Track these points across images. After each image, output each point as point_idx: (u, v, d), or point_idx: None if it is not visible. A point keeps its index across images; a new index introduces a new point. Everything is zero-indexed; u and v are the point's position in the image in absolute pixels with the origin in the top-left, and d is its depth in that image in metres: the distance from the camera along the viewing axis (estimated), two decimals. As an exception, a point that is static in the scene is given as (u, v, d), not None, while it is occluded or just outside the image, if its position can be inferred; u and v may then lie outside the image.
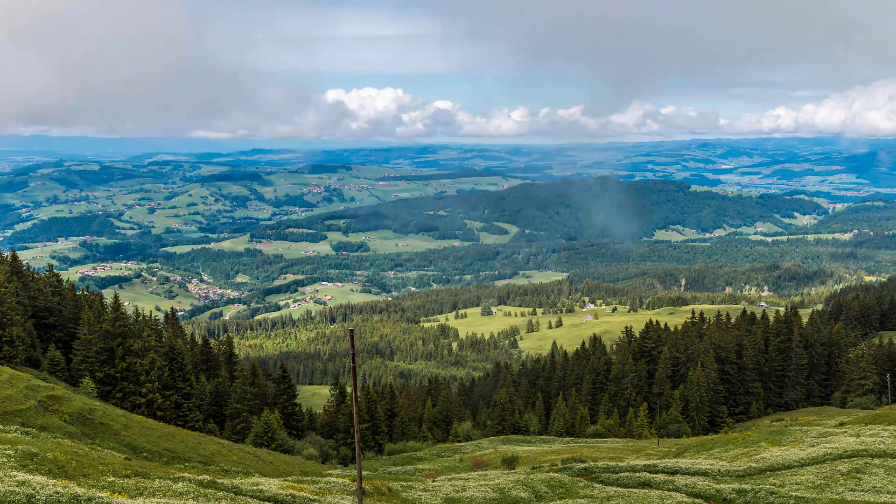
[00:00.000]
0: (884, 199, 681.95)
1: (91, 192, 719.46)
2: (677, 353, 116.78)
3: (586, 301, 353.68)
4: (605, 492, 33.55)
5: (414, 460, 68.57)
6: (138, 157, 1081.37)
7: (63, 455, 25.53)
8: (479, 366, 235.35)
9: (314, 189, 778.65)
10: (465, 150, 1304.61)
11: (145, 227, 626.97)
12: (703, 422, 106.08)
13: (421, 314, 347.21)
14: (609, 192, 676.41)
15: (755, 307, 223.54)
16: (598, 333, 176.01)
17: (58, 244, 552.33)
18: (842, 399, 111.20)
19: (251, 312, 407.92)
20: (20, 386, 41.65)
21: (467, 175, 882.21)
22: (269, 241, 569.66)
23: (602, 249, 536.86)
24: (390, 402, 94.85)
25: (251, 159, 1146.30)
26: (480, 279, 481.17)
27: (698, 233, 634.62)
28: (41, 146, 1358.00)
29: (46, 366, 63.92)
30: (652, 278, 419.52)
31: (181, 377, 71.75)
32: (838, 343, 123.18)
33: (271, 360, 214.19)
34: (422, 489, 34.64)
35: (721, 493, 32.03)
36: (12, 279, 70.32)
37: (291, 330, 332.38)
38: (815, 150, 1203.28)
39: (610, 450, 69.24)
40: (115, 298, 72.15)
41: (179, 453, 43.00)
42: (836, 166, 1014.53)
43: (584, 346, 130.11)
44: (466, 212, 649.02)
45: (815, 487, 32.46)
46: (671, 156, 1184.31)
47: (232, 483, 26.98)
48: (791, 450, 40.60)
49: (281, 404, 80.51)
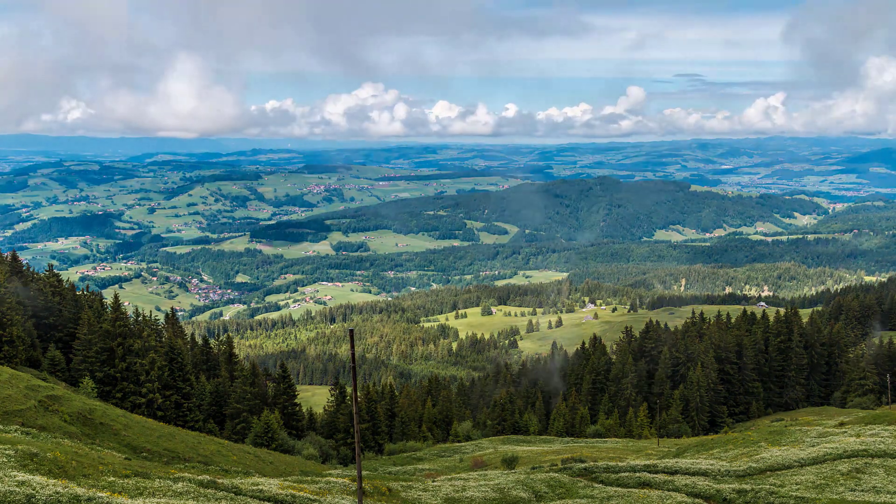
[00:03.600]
0: (884, 199, 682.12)
1: (91, 192, 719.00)
2: (677, 353, 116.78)
3: (586, 301, 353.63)
4: (605, 492, 33.54)
5: (414, 460, 68.55)
6: (138, 157, 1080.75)
7: (63, 455, 25.52)
8: (479, 366, 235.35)
9: (314, 189, 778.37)
10: (465, 150, 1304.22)
11: (145, 227, 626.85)
12: (703, 422, 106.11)
13: (421, 314, 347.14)
14: (609, 191, 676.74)
15: (755, 307, 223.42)
16: (598, 333, 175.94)
17: (58, 244, 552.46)
18: (842, 399, 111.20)
19: (251, 312, 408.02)
20: (20, 386, 41.65)
21: (467, 175, 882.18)
22: (269, 241, 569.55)
23: (602, 249, 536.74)
24: (390, 402, 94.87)
25: (251, 159, 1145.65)
26: (480, 279, 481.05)
27: (698, 233, 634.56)
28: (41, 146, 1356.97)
29: (46, 366, 63.92)
30: (652, 278, 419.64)
31: (181, 377, 71.75)
32: (838, 343, 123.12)
33: (271, 360, 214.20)
34: (422, 489, 34.63)
35: (721, 493, 32.02)
36: (12, 279, 70.33)
37: (291, 330, 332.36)
38: (815, 150, 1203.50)
39: (610, 450, 69.22)
40: (115, 298, 72.16)
41: (179, 453, 43.00)
42: (836, 166, 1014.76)
43: (584, 346, 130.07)
44: (466, 212, 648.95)
45: (815, 487, 32.45)
46: (671, 156, 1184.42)
47: (232, 483, 26.97)
48: (791, 450, 40.59)
49: (281, 404, 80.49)
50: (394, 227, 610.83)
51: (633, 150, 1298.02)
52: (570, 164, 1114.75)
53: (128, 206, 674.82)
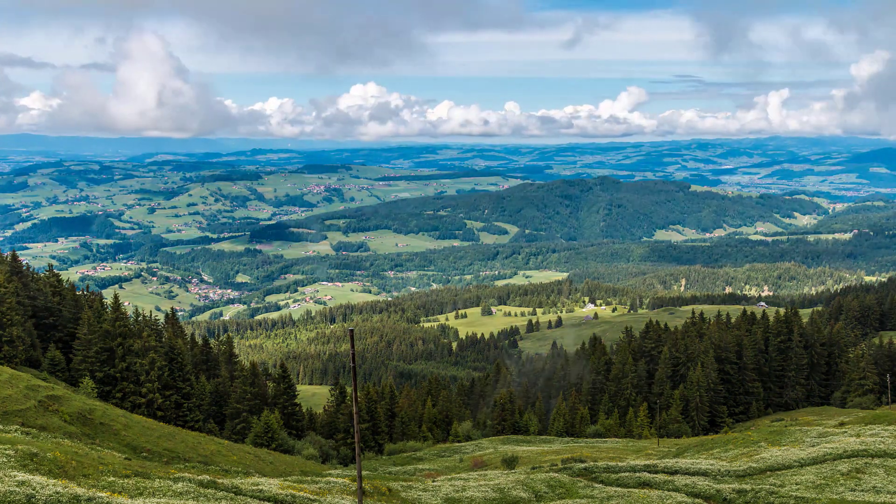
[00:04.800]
0: (884, 199, 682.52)
1: (91, 192, 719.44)
2: (677, 353, 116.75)
3: (586, 301, 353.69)
4: (605, 492, 33.55)
5: (414, 460, 68.54)
6: (138, 157, 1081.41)
7: (63, 455, 25.52)
8: (479, 366, 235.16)
9: (314, 189, 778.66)
10: (465, 150, 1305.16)
11: (145, 227, 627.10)
12: (703, 422, 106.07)
13: (421, 314, 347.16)
14: (609, 191, 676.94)
15: (755, 307, 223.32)
16: (598, 333, 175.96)
17: (58, 244, 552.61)
18: (842, 399, 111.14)
19: (251, 312, 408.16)
20: (20, 386, 41.65)
21: (467, 175, 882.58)
22: (269, 241, 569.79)
23: (602, 249, 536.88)
24: (390, 402, 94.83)
25: (251, 159, 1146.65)
26: (480, 279, 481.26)
27: (698, 233, 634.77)
28: (41, 146, 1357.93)
29: (46, 366, 63.89)
30: (652, 278, 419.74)
31: (181, 377, 71.73)
32: (838, 343, 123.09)
33: (271, 360, 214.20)
34: (422, 489, 34.63)
35: (721, 493, 32.03)
36: (12, 279, 70.27)
37: (291, 330, 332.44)
38: (815, 150, 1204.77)
39: (610, 450, 69.21)
40: (115, 298, 72.14)
41: (179, 453, 43.00)
42: (836, 166, 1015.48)
43: (584, 346, 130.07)
44: (466, 212, 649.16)
45: (815, 487, 32.45)
46: (671, 156, 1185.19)
47: (232, 483, 26.98)
48: (791, 450, 40.60)
49: (281, 404, 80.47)
50: (394, 227, 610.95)
51: (633, 150, 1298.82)
52: (570, 164, 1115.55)
53: (128, 206, 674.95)
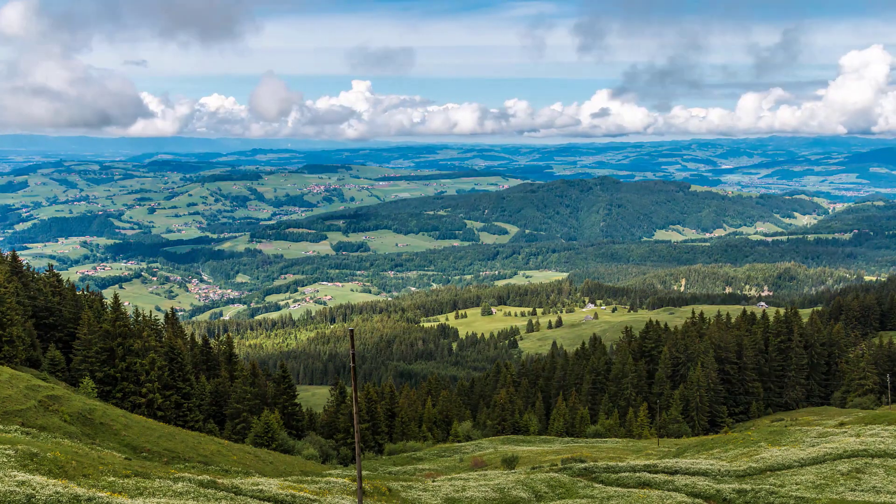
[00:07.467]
0: (884, 199, 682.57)
1: (91, 192, 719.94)
2: (677, 353, 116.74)
3: (586, 301, 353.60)
4: (605, 492, 33.55)
5: (414, 460, 68.53)
6: (138, 157, 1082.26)
7: (63, 455, 25.52)
8: (479, 366, 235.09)
9: (314, 189, 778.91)
10: (465, 150, 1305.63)
11: (145, 227, 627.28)
12: (704, 422, 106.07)
13: (421, 314, 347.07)
14: (609, 191, 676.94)
15: (755, 307, 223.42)
16: (598, 333, 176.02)
17: (58, 244, 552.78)
18: (842, 399, 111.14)
19: (251, 312, 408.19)
20: (20, 386, 41.65)
21: (467, 175, 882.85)
22: (269, 241, 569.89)
23: (602, 249, 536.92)
24: (390, 402, 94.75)
25: (251, 159, 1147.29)
26: (480, 279, 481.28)
27: (698, 233, 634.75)
28: (41, 146, 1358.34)
29: (46, 366, 63.88)
30: (652, 278, 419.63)
31: (181, 377, 71.70)
32: (838, 343, 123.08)
33: (271, 360, 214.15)
34: (422, 489, 34.63)
35: (721, 493, 32.02)
36: (12, 279, 70.31)
37: (291, 330, 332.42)
38: (815, 150, 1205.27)
39: (610, 450, 69.22)
40: (115, 298, 72.20)
41: (179, 453, 43.00)
42: (836, 166, 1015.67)
43: (584, 346, 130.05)
44: (466, 212, 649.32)
45: (815, 487, 32.45)
46: (671, 156, 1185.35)
47: (232, 483, 26.98)
48: (791, 450, 40.59)
49: (281, 404, 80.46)
50: (394, 227, 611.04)
51: (634, 150, 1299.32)
52: (570, 164, 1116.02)
53: (128, 206, 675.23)
